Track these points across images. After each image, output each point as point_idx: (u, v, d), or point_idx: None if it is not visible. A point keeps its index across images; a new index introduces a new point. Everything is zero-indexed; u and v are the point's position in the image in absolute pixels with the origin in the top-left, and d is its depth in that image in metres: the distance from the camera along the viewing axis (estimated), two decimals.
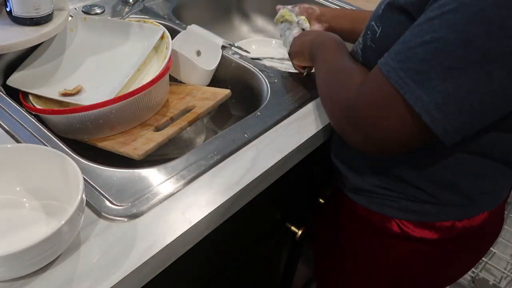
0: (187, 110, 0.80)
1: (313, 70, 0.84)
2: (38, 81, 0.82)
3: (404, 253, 0.74)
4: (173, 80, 0.95)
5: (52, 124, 0.74)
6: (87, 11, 1.00)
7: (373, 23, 0.65)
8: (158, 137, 0.74)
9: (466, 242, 0.73)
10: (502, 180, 0.69)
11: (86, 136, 0.76)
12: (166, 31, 0.86)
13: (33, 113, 0.73)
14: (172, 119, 0.79)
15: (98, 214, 0.56)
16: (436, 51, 0.50)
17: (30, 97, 0.78)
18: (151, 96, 0.77)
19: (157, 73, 0.76)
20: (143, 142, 0.73)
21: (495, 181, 0.68)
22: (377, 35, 0.64)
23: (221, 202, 0.60)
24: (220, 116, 0.97)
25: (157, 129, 0.77)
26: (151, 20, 0.89)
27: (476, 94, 0.50)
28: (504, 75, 0.49)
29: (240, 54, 0.93)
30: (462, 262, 0.78)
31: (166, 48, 0.83)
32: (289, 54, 0.85)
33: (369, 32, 0.66)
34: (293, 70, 0.89)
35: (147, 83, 0.74)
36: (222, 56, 0.93)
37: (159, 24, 0.87)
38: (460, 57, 0.49)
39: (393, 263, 0.76)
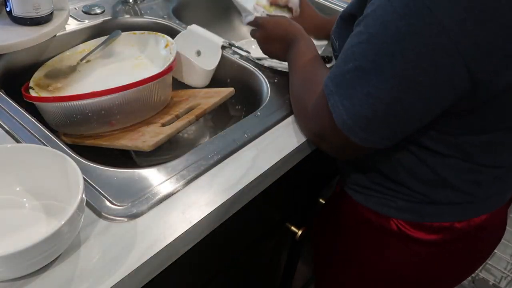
0: (192, 108, 0.80)
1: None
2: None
3: (401, 252, 0.73)
4: (174, 81, 0.96)
5: (52, 116, 0.74)
6: (87, 11, 1.00)
7: (332, 36, 0.73)
8: (167, 130, 0.73)
9: (465, 244, 0.72)
10: (501, 179, 0.69)
11: (85, 129, 0.75)
12: (170, 39, 0.88)
13: (33, 113, 0.73)
14: (178, 116, 0.79)
15: (98, 214, 0.56)
16: (357, 78, 0.56)
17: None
18: (153, 93, 0.77)
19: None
20: (151, 135, 0.73)
21: (490, 179, 0.67)
22: (336, 48, 0.71)
23: (221, 202, 0.60)
24: (220, 116, 0.97)
25: (164, 125, 0.77)
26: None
27: (393, 114, 0.56)
28: (412, 97, 0.54)
29: (240, 54, 0.93)
30: (462, 264, 0.77)
31: (171, 53, 0.85)
32: (260, 37, 0.86)
33: (332, 45, 0.74)
34: None
35: (150, 77, 0.74)
36: (222, 56, 0.93)
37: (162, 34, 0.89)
38: (375, 86, 0.54)
39: (389, 262, 0.76)
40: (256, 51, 0.91)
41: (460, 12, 0.49)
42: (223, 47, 0.93)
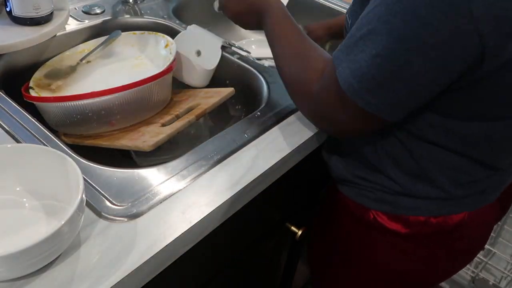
0: (192, 108, 0.80)
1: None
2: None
3: (379, 244, 0.74)
4: (174, 81, 0.95)
5: (52, 116, 0.74)
6: (87, 11, 1.00)
7: (347, 15, 0.72)
8: (167, 130, 0.73)
9: (442, 241, 0.72)
10: (482, 178, 0.67)
11: (86, 129, 0.75)
12: (170, 39, 0.88)
13: (33, 113, 0.73)
14: (178, 116, 0.79)
15: (98, 214, 0.56)
16: (369, 41, 0.55)
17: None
18: (154, 92, 0.77)
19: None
20: (151, 135, 0.73)
21: (471, 177, 0.66)
22: (348, 27, 0.70)
23: (221, 202, 0.60)
24: (220, 116, 0.97)
25: (164, 125, 0.77)
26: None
27: (399, 77, 0.55)
28: (421, 61, 0.53)
29: (240, 54, 0.93)
30: (440, 261, 0.76)
31: (170, 53, 0.85)
32: (224, 7, 0.85)
33: (345, 25, 0.73)
34: None
35: (150, 77, 0.74)
36: (222, 56, 0.93)
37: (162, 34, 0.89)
38: (385, 46, 0.53)
39: (370, 254, 0.77)
40: (256, 51, 0.91)
41: None
42: (223, 47, 0.93)
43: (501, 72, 0.54)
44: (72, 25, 0.95)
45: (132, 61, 0.91)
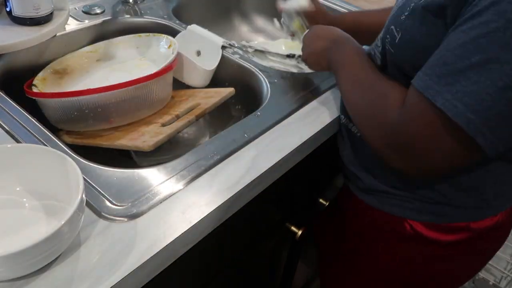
0: (192, 108, 0.80)
1: None
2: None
3: (414, 255, 0.73)
4: (174, 81, 0.95)
5: (52, 113, 0.75)
6: (87, 11, 1.00)
7: (392, 27, 0.63)
8: (167, 130, 0.73)
9: (479, 243, 0.72)
10: (508, 180, 0.68)
11: (83, 126, 0.76)
12: (173, 39, 0.88)
13: (33, 113, 0.73)
14: (178, 116, 0.79)
15: (98, 214, 0.56)
16: (489, 72, 0.49)
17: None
18: (152, 91, 0.77)
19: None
20: (151, 135, 0.73)
21: (500, 180, 0.66)
22: (396, 41, 0.62)
23: (221, 202, 0.60)
24: (220, 116, 0.97)
25: (164, 125, 0.77)
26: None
27: None
28: None
29: (240, 54, 0.93)
30: (474, 262, 0.78)
31: (172, 53, 0.85)
32: (303, 60, 0.81)
33: (388, 36, 0.64)
34: (294, 70, 0.88)
35: (147, 76, 0.74)
36: (222, 56, 0.92)
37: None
38: None
39: (402, 266, 0.76)
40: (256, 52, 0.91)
41: None
42: (223, 47, 0.93)
43: None
44: (72, 25, 0.95)
45: (136, 62, 0.91)
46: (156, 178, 0.62)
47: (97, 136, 0.77)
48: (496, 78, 0.48)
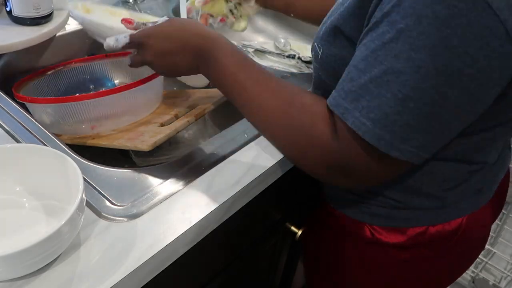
0: (191, 108, 0.80)
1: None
2: None
3: (376, 258, 0.73)
4: (174, 81, 0.95)
5: (38, 116, 0.75)
6: None
7: (315, 43, 0.63)
8: (165, 130, 0.73)
9: (441, 247, 0.71)
10: (472, 177, 0.66)
11: (66, 131, 0.76)
12: None
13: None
14: (177, 116, 0.79)
15: (98, 214, 0.56)
16: (387, 84, 0.48)
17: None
18: (136, 98, 0.77)
19: None
20: (150, 135, 0.73)
21: (461, 179, 0.65)
22: (319, 56, 0.62)
23: (221, 202, 0.60)
24: (220, 116, 0.97)
25: (163, 125, 0.77)
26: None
27: (435, 117, 0.49)
28: (458, 94, 0.48)
29: None
30: (439, 269, 0.75)
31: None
32: (148, 57, 0.65)
33: (313, 52, 0.64)
34: (294, 70, 0.88)
35: (119, 87, 0.74)
36: None
37: None
38: (413, 86, 0.47)
39: (367, 270, 0.75)
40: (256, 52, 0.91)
41: None
42: None
43: None
44: (72, 25, 0.95)
45: None
46: (156, 178, 0.62)
47: (96, 136, 0.77)
48: (395, 90, 0.48)
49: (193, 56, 0.62)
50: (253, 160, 0.67)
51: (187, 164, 0.65)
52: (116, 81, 0.95)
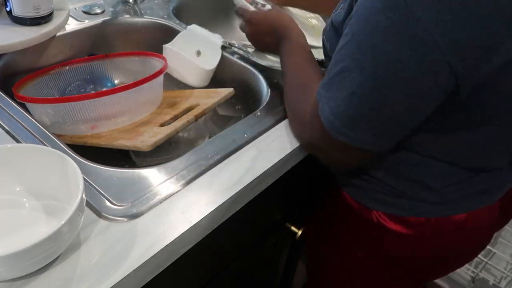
0: (191, 108, 0.80)
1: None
2: None
3: (382, 242, 0.74)
4: (174, 81, 0.95)
5: (38, 116, 0.75)
6: (87, 11, 1.00)
7: (324, 38, 0.71)
8: (165, 130, 0.73)
9: (442, 240, 0.72)
10: (479, 180, 0.68)
11: (68, 131, 0.76)
12: (165, 65, 0.84)
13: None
14: (177, 116, 0.79)
15: (98, 214, 0.56)
16: (343, 79, 0.56)
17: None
18: (135, 98, 0.77)
19: None
20: (150, 135, 0.73)
21: (465, 181, 0.67)
22: (327, 50, 0.70)
23: (221, 202, 0.60)
24: (220, 116, 0.97)
25: (162, 125, 0.77)
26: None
27: (377, 112, 0.55)
28: (395, 94, 0.53)
29: (240, 54, 0.93)
30: (440, 259, 0.77)
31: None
32: (249, 32, 0.87)
33: (323, 46, 0.72)
34: None
35: (120, 87, 0.74)
36: (222, 56, 0.93)
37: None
38: (358, 84, 0.54)
39: (373, 252, 0.77)
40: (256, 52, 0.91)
41: (434, 4, 0.48)
42: (223, 47, 0.93)
43: (481, 92, 0.55)
44: (72, 25, 0.95)
45: None
46: (156, 178, 0.62)
47: (96, 136, 0.77)
48: (346, 85, 0.55)
49: (274, 39, 0.82)
50: (253, 160, 0.67)
51: (187, 164, 0.65)
52: (116, 81, 0.95)
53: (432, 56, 0.50)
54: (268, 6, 0.92)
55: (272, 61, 0.89)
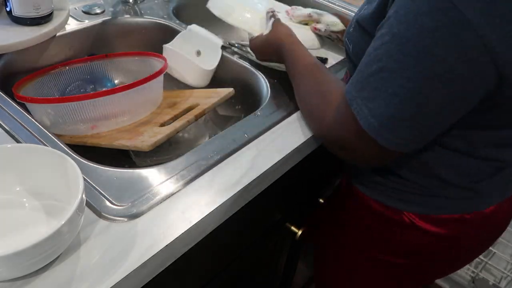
0: (191, 108, 0.80)
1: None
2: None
3: (414, 242, 0.75)
4: (174, 81, 0.95)
5: (38, 116, 0.75)
6: (87, 11, 1.00)
7: (346, 39, 0.71)
8: (165, 130, 0.73)
9: (474, 234, 0.74)
10: (507, 173, 0.70)
11: (68, 131, 0.76)
12: (165, 65, 0.84)
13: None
14: (177, 116, 0.79)
15: (98, 214, 0.56)
16: (382, 80, 0.55)
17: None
18: (134, 99, 0.77)
19: None
20: (150, 135, 0.73)
21: (494, 175, 0.68)
22: (350, 51, 0.70)
23: (221, 202, 0.60)
24: (220, 116, 0.97)
25: (162, 125, 0.77)
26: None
27: (418, 113, 0.55)
28: (438, 95, 0.53)
29: (240, 54, 0.93)
30: (468, 252, 0.80)
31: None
32: (253, 48, 0.87)
33: (345, 47, 0.72)
34: None
35: (119, 87, 0.74)
36: (222, 56, 0.93)
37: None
38: (400, 85, 0.54)
39: (405, 252, 0.77)
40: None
41: (484, 5, 0.48)
42: (223, 47, 0.93)
43: None
44: (72, 25, 0.95)
45: None
46: (156, 178, 0.62)
47: (96, 136, 0.77)
48: (387, 86, 0.55)
49: (277, 53, 0.81)
50: (253, 160, 0.67)
51: (187, 164, 0.65)
52: (116, 81, 0.95)
53: (480, 58, 0.50)
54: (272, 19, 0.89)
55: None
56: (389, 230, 0.76)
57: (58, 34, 0.90)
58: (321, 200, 1.01)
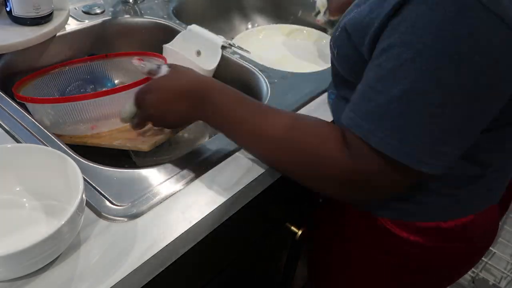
0: None
1: None
2: None
3: (390, 246, 0.73)
4: None
5: (39, 116, 0.75)
6: (87, 11, 1.00)
7: (331, 43, 0.65)
8: (165, 130, 0.73)
9: (453, 245, 0.71)
10: (488, 180, 0.67)
11: (67, 131, 0.76)
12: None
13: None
14: None
15: (98, 214, 0.56)
16: (411, 103, 0.49)
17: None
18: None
19: None
20: (150, 135, 0.73)
21: (477, 181, 0.66)
22: (335, 56, 0.64)
23: (221, 202, 0.60)
24: None
25: None
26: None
27: (459, 131, 0.51)
28: (479, 108, 0.50)
29: (240, 54, 0.93)
30: (451, 265, 0.76)
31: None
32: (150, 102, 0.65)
33: (331, 52, 0.67)
34: (294, 70, 0.88)
35: (120, 87, 0.74)
36: (222, 56, 0.93)
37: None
38: (438, 104, 0.48)
39: (378, 252, 0.76)
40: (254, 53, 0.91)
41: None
42: (223, 47, 0.93)
43: None
44: (72, 25, 0.95)
45: None
46: (156, 178, 0.62)
47: (96, 136, 0.77)
48: (419, 108, 0.49)
49: (187, 101, 0.63)
50: (253, 160, 0.67)
51: (187, 164, 0.65)
52: (116, 81, 0.95)
53: None
54: (165, 68, 0.67)
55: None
56: (371, 235, 0.75)
57: (58, 34, 0.90)
58: (321, 200, 1.01)
